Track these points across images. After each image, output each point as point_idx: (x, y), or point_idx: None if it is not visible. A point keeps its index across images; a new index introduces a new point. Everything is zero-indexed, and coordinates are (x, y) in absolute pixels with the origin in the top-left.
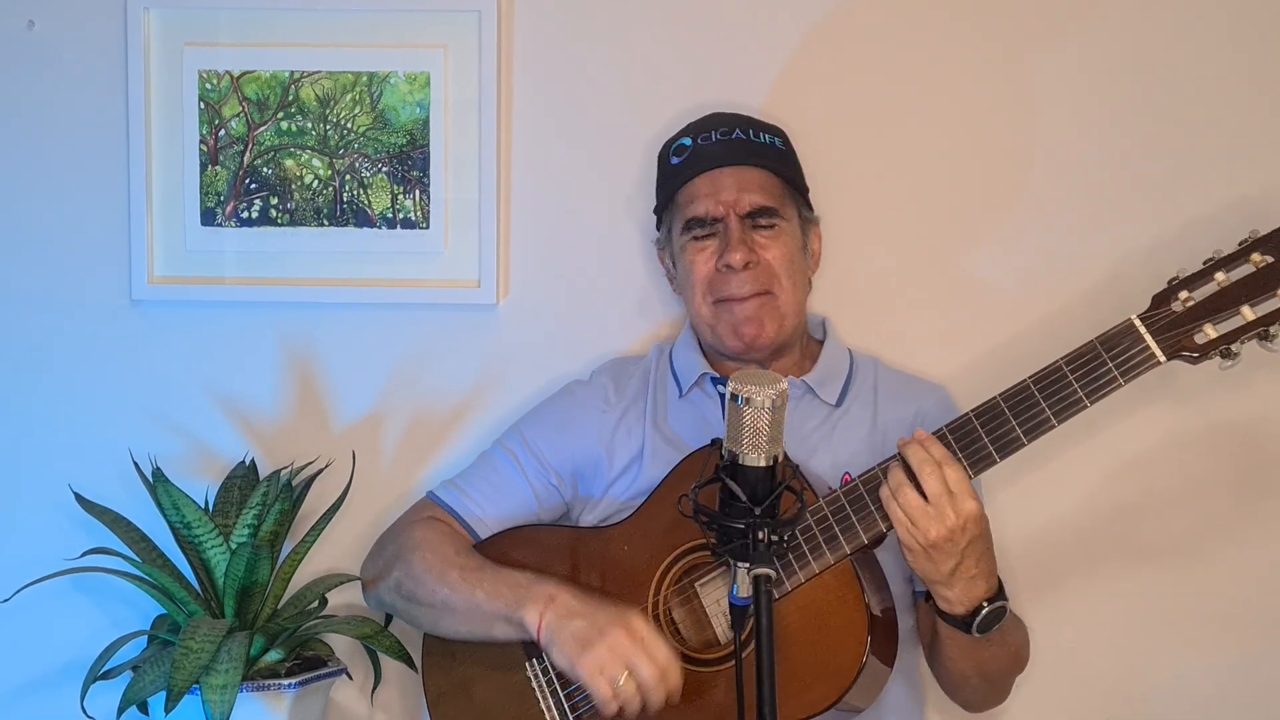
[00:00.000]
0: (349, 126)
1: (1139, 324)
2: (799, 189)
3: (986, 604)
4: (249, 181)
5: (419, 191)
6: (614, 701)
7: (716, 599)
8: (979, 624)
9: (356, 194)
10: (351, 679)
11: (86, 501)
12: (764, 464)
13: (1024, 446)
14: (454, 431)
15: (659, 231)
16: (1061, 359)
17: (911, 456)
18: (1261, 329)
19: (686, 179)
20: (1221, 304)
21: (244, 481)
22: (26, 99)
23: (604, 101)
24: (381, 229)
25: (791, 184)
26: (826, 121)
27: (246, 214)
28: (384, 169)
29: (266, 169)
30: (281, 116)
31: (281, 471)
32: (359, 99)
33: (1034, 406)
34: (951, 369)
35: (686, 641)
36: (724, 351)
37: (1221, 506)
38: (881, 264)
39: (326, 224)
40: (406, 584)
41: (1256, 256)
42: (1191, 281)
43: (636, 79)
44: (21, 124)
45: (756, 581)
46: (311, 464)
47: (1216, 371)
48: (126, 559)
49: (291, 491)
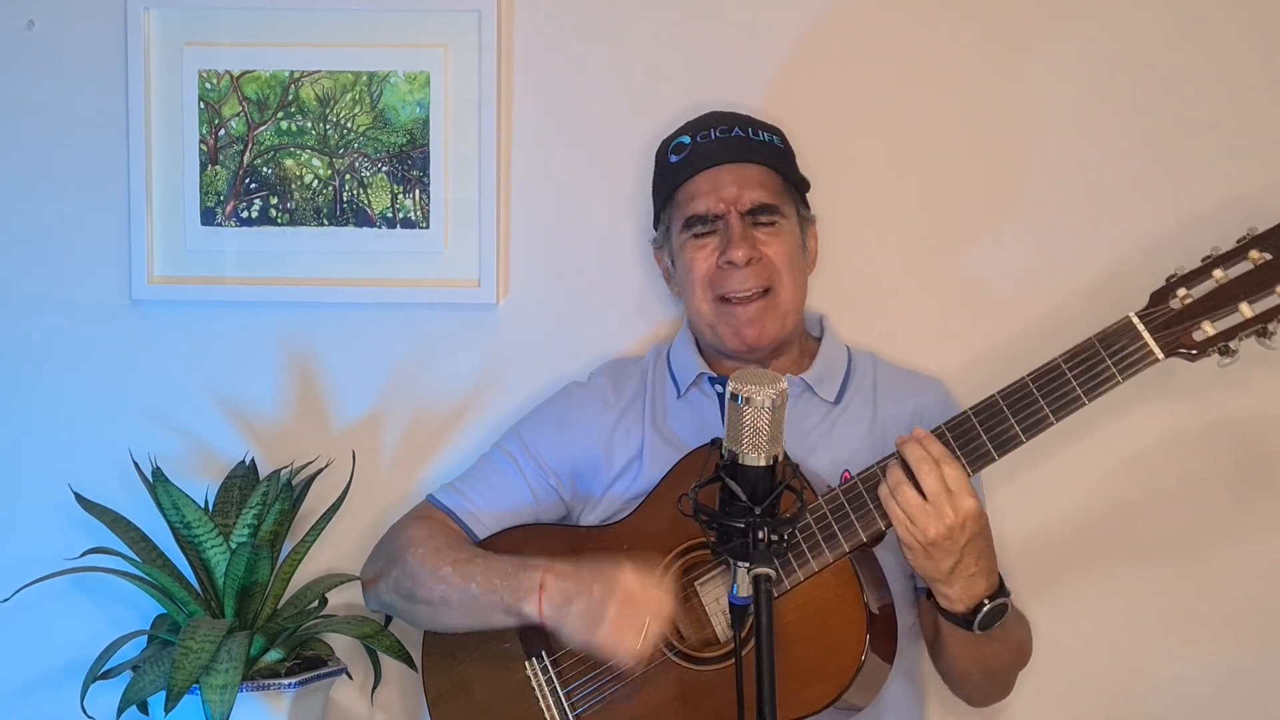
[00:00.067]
0: (349, 126)
1: (1137, 321)
2: (798, 187)
3: (987, 601)
4: (249, 181)
5: (419, 191)
6: (640, 665)
7: (716, 598)
8: (980, 621)
9: (356, 194)
10: (351, 679)
11: (86, 501)
12: (764, 463)
13: (1023, 444)
14: (454, 431)
15: (656, 230)
16: (1060, 356)
17: (910, 455)
18: (1260, 326)
19: (686, 177)
20: (1220, 301)
21: (244, 481)
22: (26, 99)
23: (604, 101)
24: (381, 229)
25: (790, 182)
26: (824, 120)
27: (246, 214)
28: (384, 169)
29: (266, 169)
30: (281, 116)
31: (281, 471)
32: (359, 99)
33: (1032, 404)
34: (950, 367)
35: (686, 640)
36: (723, 351)
37: (1220, 504)
38: (880, 262)
39: (326, 224)
40: (405, 582)
41: (1254, 253)
42: (1190, 279)
43: (636, 78)
44: (21, 124)
45: (756, 581)
46: (311, 464)
47: (1215, 369)
48: (126, 559)
49: (291, 491)
